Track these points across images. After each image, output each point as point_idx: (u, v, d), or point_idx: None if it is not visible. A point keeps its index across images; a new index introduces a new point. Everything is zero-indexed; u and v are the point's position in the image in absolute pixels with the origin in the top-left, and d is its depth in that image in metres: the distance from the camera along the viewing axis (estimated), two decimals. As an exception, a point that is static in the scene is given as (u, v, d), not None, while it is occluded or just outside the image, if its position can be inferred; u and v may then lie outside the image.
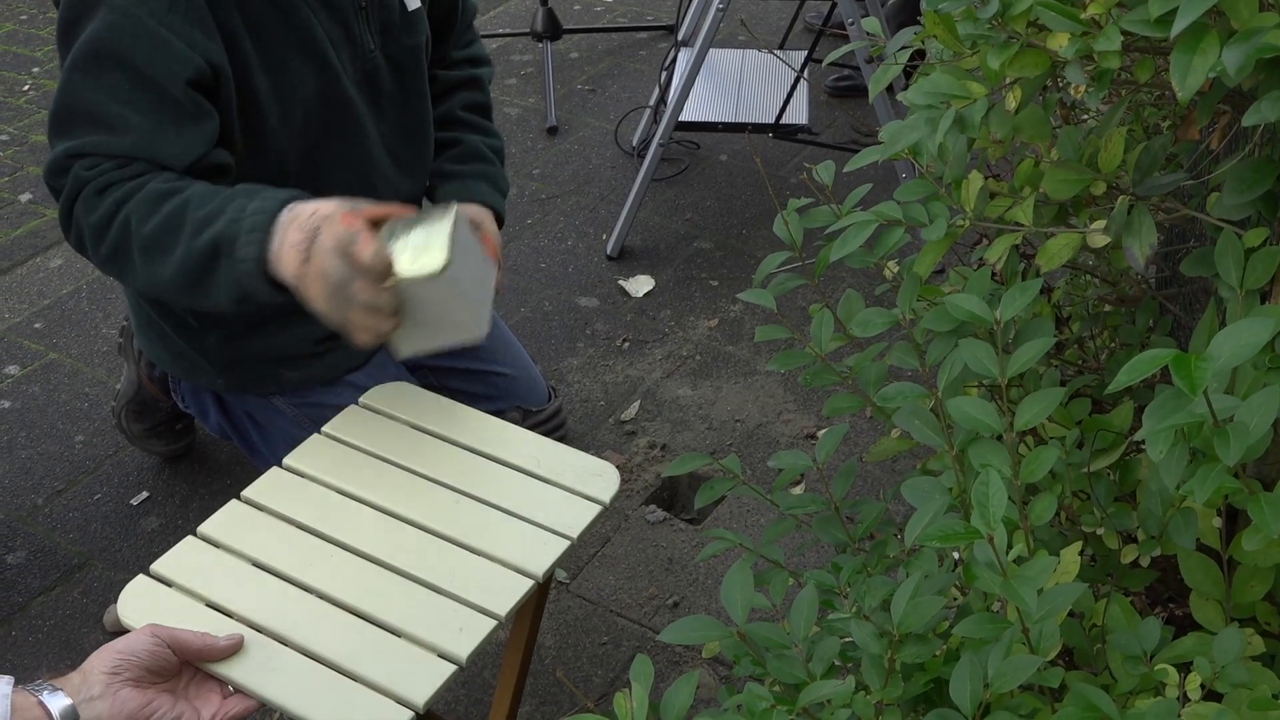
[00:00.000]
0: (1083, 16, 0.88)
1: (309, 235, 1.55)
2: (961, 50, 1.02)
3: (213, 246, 1.59)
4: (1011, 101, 1.02)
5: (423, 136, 2.08)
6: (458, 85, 2.18)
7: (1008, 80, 1.01)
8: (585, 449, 2.46)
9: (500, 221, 2.02)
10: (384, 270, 1.53)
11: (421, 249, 1.54)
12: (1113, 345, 1.47)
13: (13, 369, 2.68)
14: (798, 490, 2.32)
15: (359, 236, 1.52)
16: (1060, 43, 0.91)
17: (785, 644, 1.01)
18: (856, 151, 1.31)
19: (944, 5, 0.96)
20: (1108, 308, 1.47)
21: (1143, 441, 0.86)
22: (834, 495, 1.28)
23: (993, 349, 1.01)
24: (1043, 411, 1.00)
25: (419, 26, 2.01)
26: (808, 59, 2.95)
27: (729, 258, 3.01)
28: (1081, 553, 1.15)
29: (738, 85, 3.15)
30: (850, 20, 2.70)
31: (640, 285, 2.91)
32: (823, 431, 2.44)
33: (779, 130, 2.92)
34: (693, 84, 2.86)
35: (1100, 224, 1.09)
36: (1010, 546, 0.98)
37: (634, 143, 3.43)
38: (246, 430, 2.22)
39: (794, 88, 2.88)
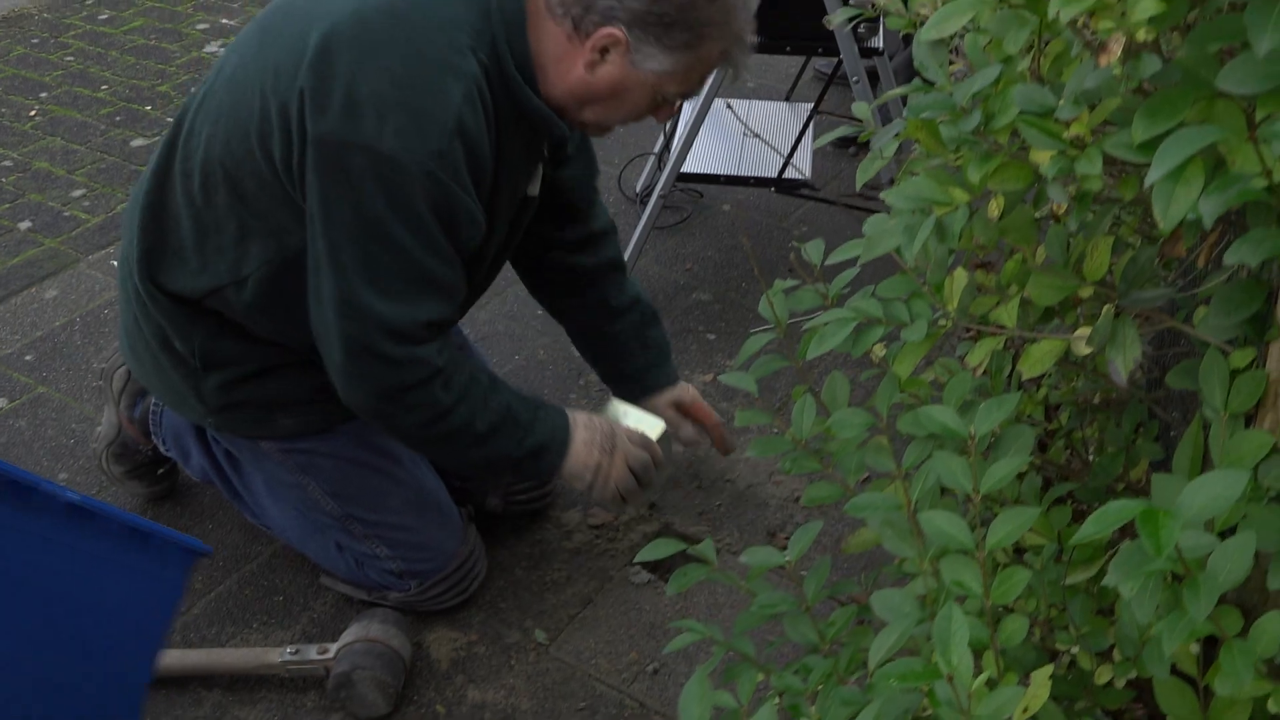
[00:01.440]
0: (1065, 135, 0.85)
1: (607, 436, 2.08)
2: (945, 155, 0.99)
3: (533, 451, 1.99)
4: (994, 209, 0.99)
5: (474, 301, 2.18)
6: (604, 274, 2.32)
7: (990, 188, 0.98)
8: (572, 505, 2.43)
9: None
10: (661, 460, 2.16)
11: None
12: (1101, 437, 1.44)
13: (0, 402, 2.66)
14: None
15: (645, 439, 2.15)
16: (1042, 159, 0.88)
17: (743, 763, 0.98)
18: (858, 209, 1.32)
19: (926, 112, 0.93)
20: (1097, 399, 1.44)
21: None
22: (806, 594, 1.24)
23: (966, 464, 0.98)
24: (1015, 531, 0.96)
25: (531, 212, 2.09)
26: (813, 112, 2.92)
27: (727, 311, 2.98)
28: (1056, 664, 1.11)
29: (742, 136, 3.12)
30: (855, 79, 2.67)
31: (636, 336, 2.87)
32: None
33: (781, 185, 2.90)
34: (696, 134, 2.84)
35: (1085, 331, 1.06)
36: (982, 670, 0.95)
37: (637, 189, 3.40)
38: (228, 474, 2.19)
39: (797, 143, 2.86)
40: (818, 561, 1.29)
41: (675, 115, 3.13)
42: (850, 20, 1.20)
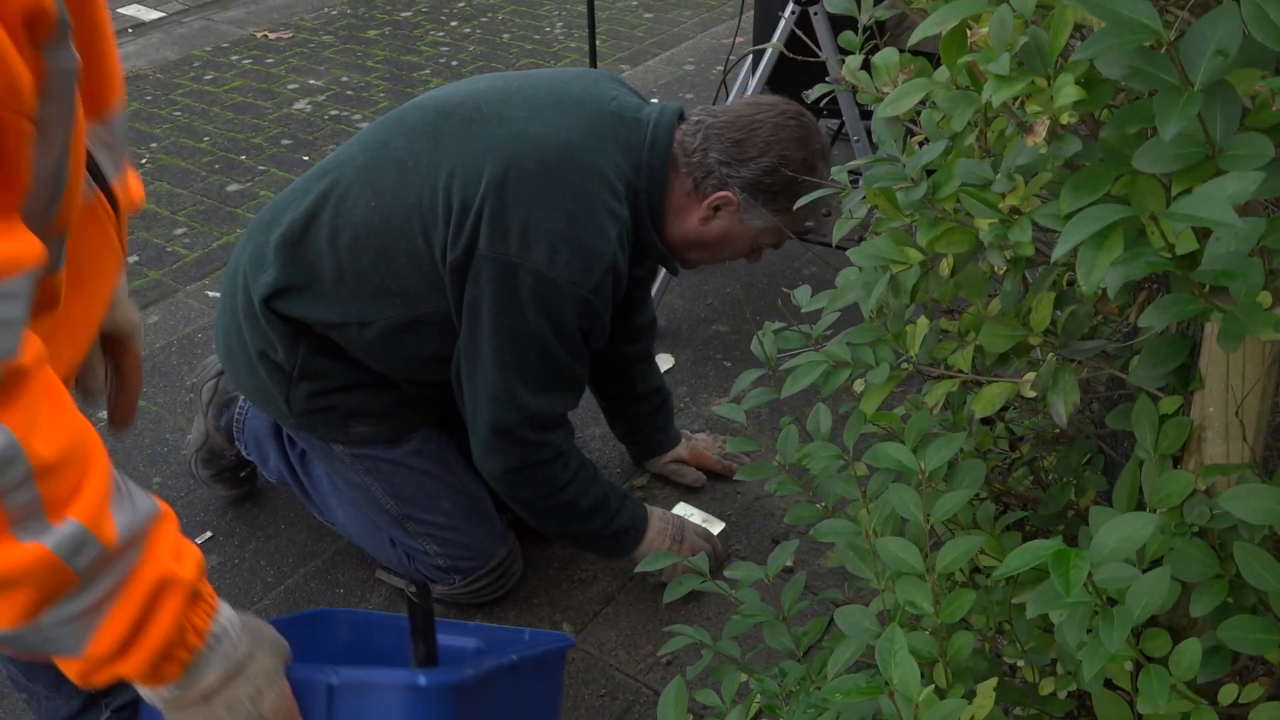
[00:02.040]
0: (1001, 206, 0.83)
1: (676, 528, 2.16)
2: (901, 218, 0.97)
3: (617, 532, 2.08)
4: (945, 268, 0.97)
5: None
6: (636, 363, 2.36)
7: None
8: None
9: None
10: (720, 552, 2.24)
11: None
12: (1059, 467, 1.41)
13: (104, 414, 2.68)
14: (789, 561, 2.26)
15: (708, 533, 2.24)
16: (983, 226, 0.86)
17: (713, 761, 0.96)
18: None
19: (880, 182, 0.91)
20: (1057, 432, 1.41)
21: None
22: (783, 605, 1.22)
23: (918, 495, 0.96)
24: (962, 556, 0.94)
25: None
26: (821, 166, 2.89)
27: (742, 340, 2.96)
28: (1012, 676, 1.09)
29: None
30: (856, 138, 2.65)
31: (661, 363, 2.86)
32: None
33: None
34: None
35: (1031, 376, 1.04)
36: (929, 680, 0.92)
37: (667, 231, 3.39)
38: (300, 476, 2.21)
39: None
40: (794, 576, 1.27)
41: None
42: (828, 94, 1.18)
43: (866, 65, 1.12)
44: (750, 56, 2.93)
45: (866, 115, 2.74)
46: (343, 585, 2.23)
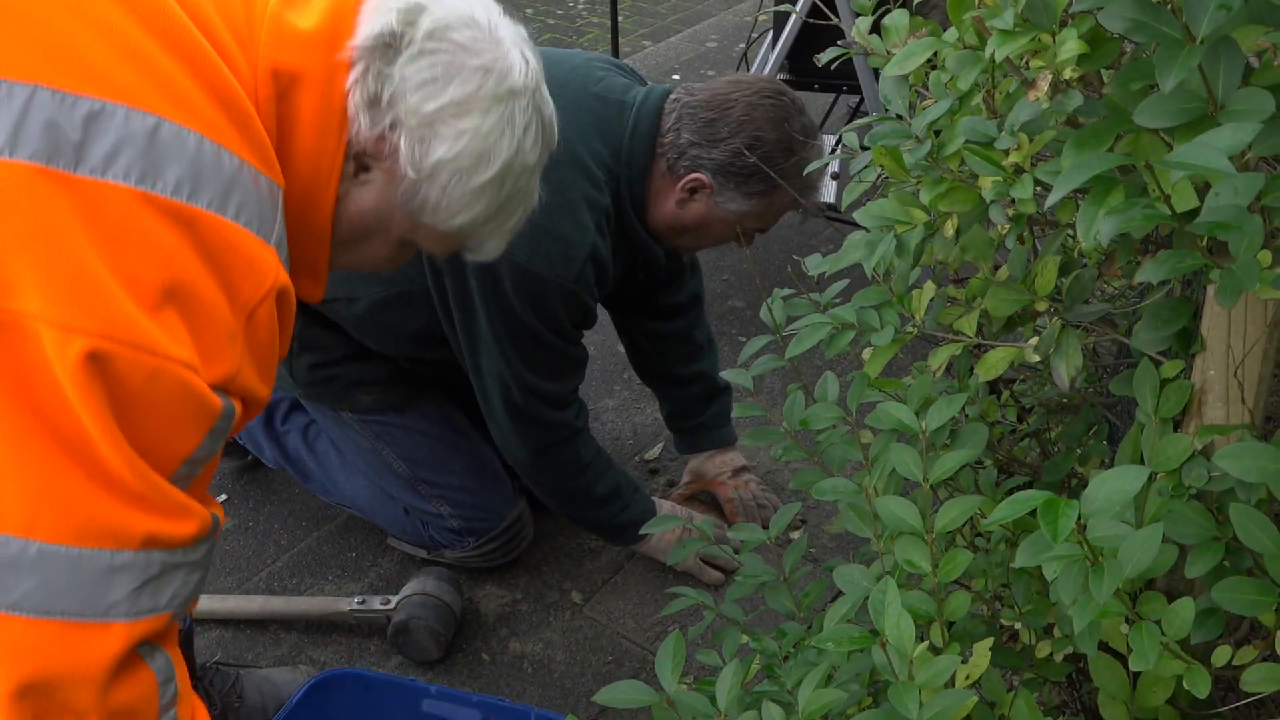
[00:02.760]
0: (1004, 163, 0.83)
1: (685, 519, 1.97)
2: (907, 179, 0.97)
3: (625, 524, 2.08)
4: (949, 229, 0.97)
5: None
6: (669, 342, 2.32)
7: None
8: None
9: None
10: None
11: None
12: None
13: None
14: (796, 534, 2.26)
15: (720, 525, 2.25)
16: (987, 185, 0.86)
17: (709, 714, 0.97)
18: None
19: (884, 140, 0.91)
20: (1064, 401, 1.40)
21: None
22: (784, 567, 1.23)
23: (918, 455, 0.96)
24: (960, 516, 0.95)
25: None
26: (836, 144, 2.89)
27: (757, 316, 2.95)
28: (1003, 640, 1.09)
29: (777, 162, 3.09)
30: (875, 115, 2.64)
31: (676, 337, 2.86)
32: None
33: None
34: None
35: (1035, 341, 1.04)
36: (925, 639, 0.93)
37: (684, 207, 3.38)
38: (298, 461, 2.23)
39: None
40: (796, 538, 1.28)
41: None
42: (838, 58, 1.18)
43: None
44: (771, 31, 2.92)
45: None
46: (354, 549, 2.25)
